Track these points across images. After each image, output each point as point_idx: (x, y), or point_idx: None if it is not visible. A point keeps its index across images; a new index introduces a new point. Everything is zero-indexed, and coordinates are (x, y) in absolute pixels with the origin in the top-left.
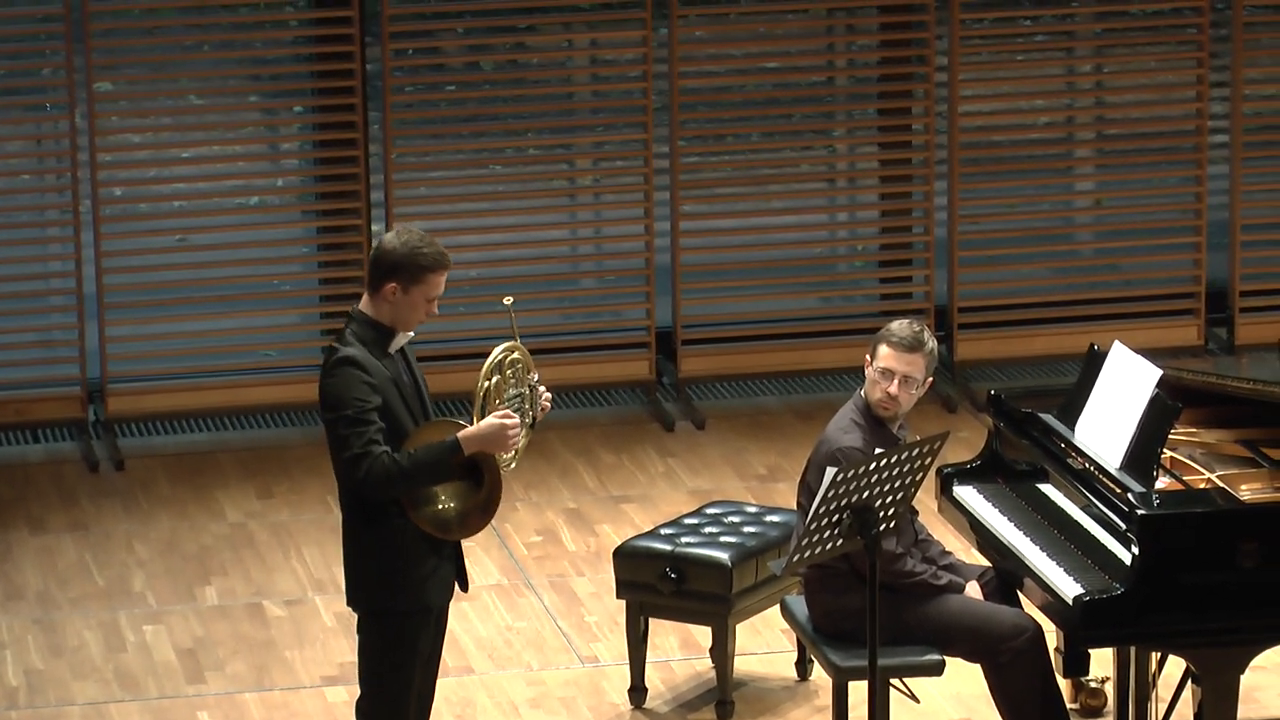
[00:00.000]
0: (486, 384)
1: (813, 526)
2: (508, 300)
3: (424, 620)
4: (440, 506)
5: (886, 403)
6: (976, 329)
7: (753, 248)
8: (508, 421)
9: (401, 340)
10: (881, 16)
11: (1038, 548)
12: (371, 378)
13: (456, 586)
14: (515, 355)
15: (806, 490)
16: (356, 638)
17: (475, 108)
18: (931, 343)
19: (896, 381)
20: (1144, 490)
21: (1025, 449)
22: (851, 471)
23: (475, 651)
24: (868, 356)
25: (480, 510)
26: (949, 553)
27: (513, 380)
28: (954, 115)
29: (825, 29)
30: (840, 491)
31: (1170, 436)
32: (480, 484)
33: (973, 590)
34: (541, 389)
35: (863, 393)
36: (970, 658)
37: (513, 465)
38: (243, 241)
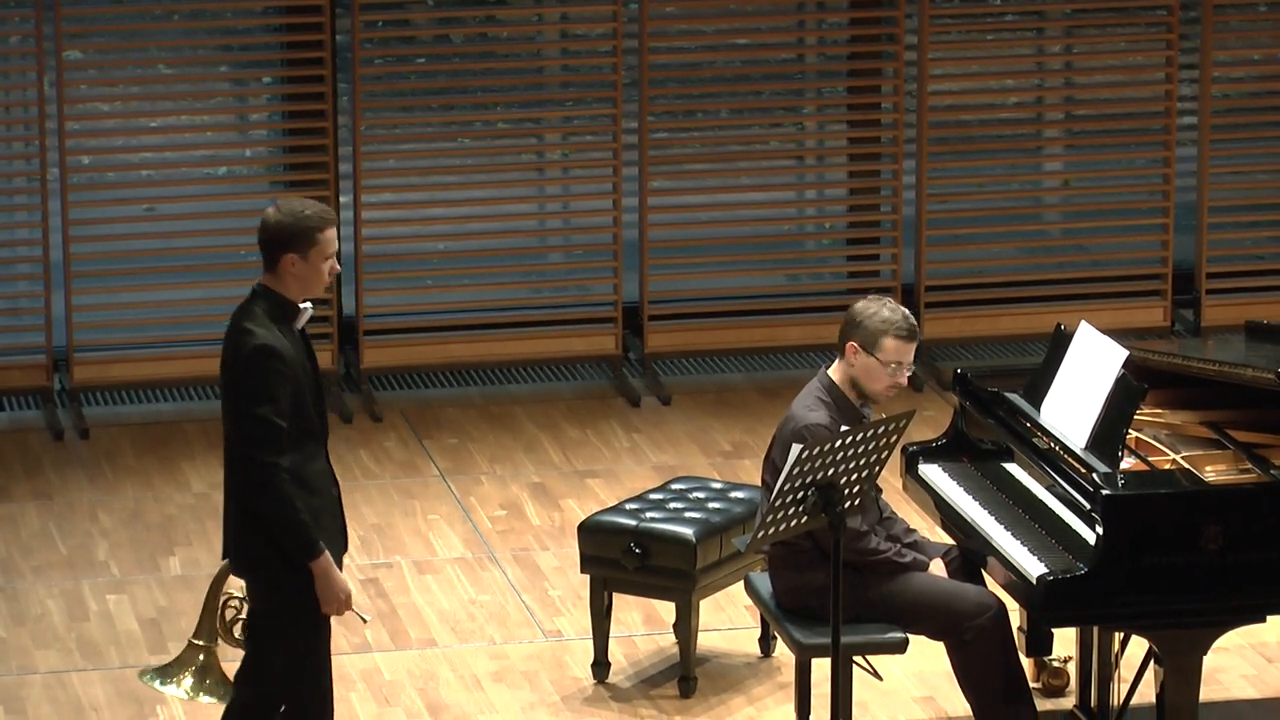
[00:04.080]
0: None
1: (777, 504)
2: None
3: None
4: None
5: (889, 392)
6: (943, 308)
7: (720, 224)
8: (343, 599)
9: (304, 318)
10: None
11: (1002, 527)
12: (287, 367)
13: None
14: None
15: (771, 468)
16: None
17: (445, 80)
18: None
19: (905, 371)
20: (1109, 471)
21: (991, 428)
22: (817, 449)
23: (438, 624)
24: (855, 344)
25: None
26: (913, 530)
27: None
28: (923, 94)
29: (796, 6)
30: (805, 469)
31: (1136, 417)
32: None
33: (937, 568)
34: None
35: (829, 372)
36: (934, 635)
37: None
38: (210, 212)
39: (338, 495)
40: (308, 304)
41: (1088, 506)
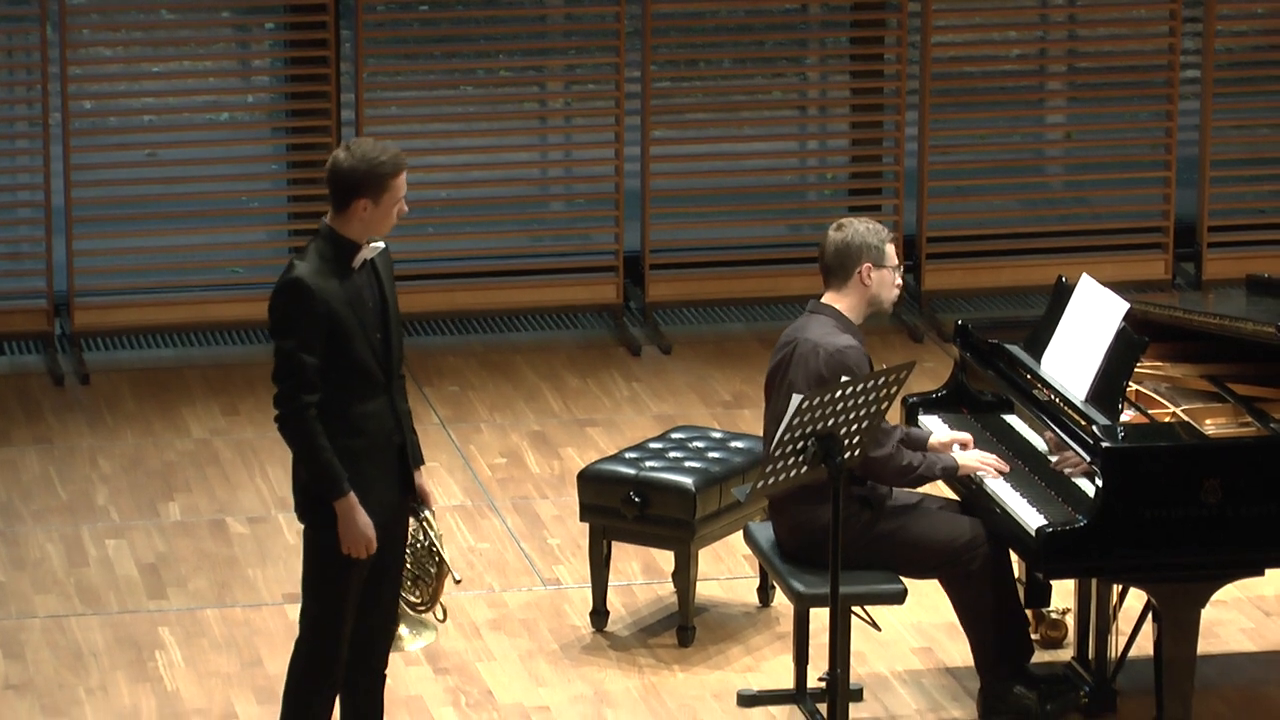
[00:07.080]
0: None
1: (777, 454)
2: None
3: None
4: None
5: (897, 293)
6: (944, 259)
7: (722, 174)
8: (363, 542)
9: (367, 254)
10: None
11: (1001, 479)
12: (317, 304)
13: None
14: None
15: (787, 395)
16: None
17: (448, 28)
18: None
19: None
20: (1109, 423)
21: (991, 380)
22: (817, 399)
23: None
24: (869, 264)
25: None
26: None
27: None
28: (926, 46)
29: None
30: (805, 419)
31: (1136, 370)
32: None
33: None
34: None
35: (827, 302)
36: (936, 570)
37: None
38: (212, 158)
39: (400, 442)
40: (378, 242)
41: (1087, 459)
